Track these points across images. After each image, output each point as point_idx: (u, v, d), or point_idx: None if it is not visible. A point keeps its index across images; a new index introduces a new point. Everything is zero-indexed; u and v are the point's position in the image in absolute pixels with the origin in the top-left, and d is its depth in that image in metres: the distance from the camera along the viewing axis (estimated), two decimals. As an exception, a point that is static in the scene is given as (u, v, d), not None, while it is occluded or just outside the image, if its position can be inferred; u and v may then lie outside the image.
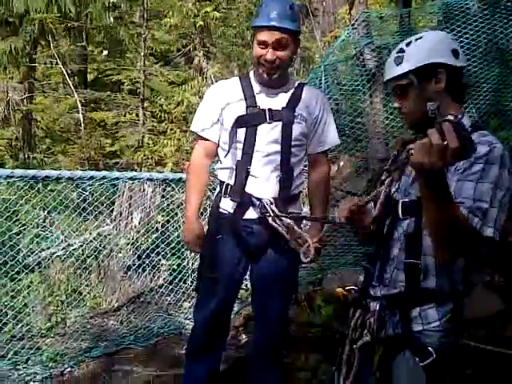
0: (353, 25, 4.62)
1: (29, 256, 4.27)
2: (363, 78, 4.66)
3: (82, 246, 4.47)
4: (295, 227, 2.15)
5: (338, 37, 6.80)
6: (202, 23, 8.98)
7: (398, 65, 1.59)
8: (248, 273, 2.43)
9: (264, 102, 2.28)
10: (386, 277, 1.62)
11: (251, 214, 2.27)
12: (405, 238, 1.58)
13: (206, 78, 8.98)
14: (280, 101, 2.29)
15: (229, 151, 2.28)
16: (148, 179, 3.91)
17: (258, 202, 2.23)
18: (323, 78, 4.76)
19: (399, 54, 1.61)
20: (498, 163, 1.44)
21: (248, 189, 2.26)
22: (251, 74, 2.35)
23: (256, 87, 2.29)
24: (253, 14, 10.01)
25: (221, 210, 2.33)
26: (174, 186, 4.21)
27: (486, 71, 4.63)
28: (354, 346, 1.65)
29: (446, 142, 1.16)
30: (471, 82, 4.52)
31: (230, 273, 2.33)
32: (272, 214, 2.19)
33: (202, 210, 2.81)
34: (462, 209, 1.42)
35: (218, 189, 2.40)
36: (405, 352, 1.56)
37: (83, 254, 4.37)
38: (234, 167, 2.28)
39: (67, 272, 4.43)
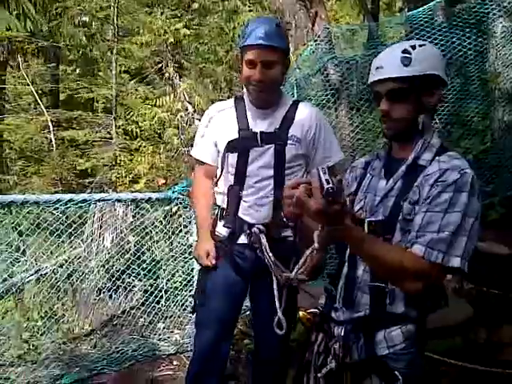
0: (315, 40, 4.68)
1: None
2: (328, 92, 4.71)
3: (53, 269, 4.40)
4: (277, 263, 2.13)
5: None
6: (172, 40, 9.01)
7: (405, 66, 1.46)
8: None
9: (257, 124, 2.23)
10: (350, 299, 1.56)
11: (244, 239, 2.25)
12: None
13: (177, 94, 9.00)
14: (273, 122, 2.23)
15: (221, 175, 2.28)
16: (117, 200, 3.86)
17: (248, 230, 2.22)
18: (295, 92, 4.80)
19: (406, 55, 1.48)
20: (467, 190, 1.41)
21: (241, 214, 2.24)
22: (245, 95, 2.29)
23: (249, 109, 2.25)
24: (224, 30, 10.10)
25: (217, 234, 2.33)
26: (145, 205, 4.18)
27: (450, 82, 4.74)
28: (319, 375, 1.58)
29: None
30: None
31: (226, 296, 2.29)
32: (259, 246, 2.13)
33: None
34: (418, 246, 1.41)
35: (216, 211, 2.39)
36: (372, 377, 1.52)
37: (55, 278, 4.29)
38: (227, 192, 2.27)
39: (41, 296, 4.36)
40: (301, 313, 1.72)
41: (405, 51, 1.49)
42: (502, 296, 3.64)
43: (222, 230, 2.31)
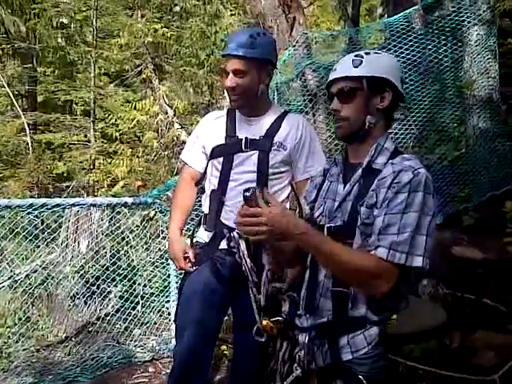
0: (294, 46, 4.71)
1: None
2: (305, 97, 4.74)
3: (27, 274, 4.32)
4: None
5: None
6: (151, 41, 8.96)
7: (355, 67, 1.56)
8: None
9: (243, 131, 2.29)
10: (313, 305, 1.57)
11: (225, 244, 2.25)
12: None
13: (156, 97, 8.93)
14: (259, 130, 2.29)
15: (204, 179, 2.34)
16: (91, 205, 3.80)
17: (228, 234, 2.21)
18: (276, 96, 4.79)
19: (358, 58, 1.57)
20: (421, 189, 1.45)
21: (222, 218, 2.25)
22: None
23: (238, 117, 2.32)
24: (205, 34, 10.08)
25: (197, 240, 2.34)
26: (121, 209, 4.13)
27: (427, 88, 4.80)
28: (285, 383, 1.59)
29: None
30: (413, 98, 4.68)
31: (207, 303, 2.26)
32: (238, 252, 2.11)
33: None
34: (381, 249, 1.44)
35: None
36: (337, 382, 1.54)
37: (29, 283, 4.21)
38: (209, 195, 2.30)
39: (16, 302, 4.28)
40: (264, 321, 1.71)
41: (357, 55, 1.59)
42: (476, 301, 3.68)
43: (203, 235, 2.31)
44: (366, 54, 1.59)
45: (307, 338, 1.57)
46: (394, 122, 1.70)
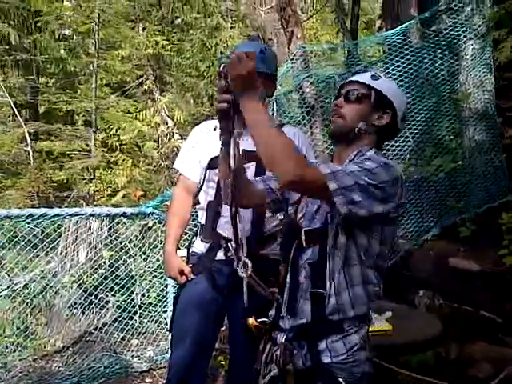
0: (292, 59, 4.77)
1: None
2: (303, 109, 4.80)
3: (26, 284, 4.33)
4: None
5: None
6: (152, 53, 9.03)
7: (373, 79, 1.65)
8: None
9: (240, 143, 2.30)
10: (294, 307, 1.58)
11: (222, 255, 2.25)
12: (309, 267, 1.57)
13: (157, 108, 9.00)
14: None
15: (200, 190, 2.31)
16: (91, 215, 3.82)
17: (225, 245, 2.21)
18: (275, 108, 4.84)
19: (377, 75, 1.69)
20: (378, 163, 1.48)
21: (219, 229, 2.25)
22: None
23: None
24: (206, 46, 10.17)
25: (193, 250, 2.34)
26: (120, 219, 4.15)
27: (424, 101, 4.85)
28: (263, 382, 1.60)
29: None
30: (410, 110, 4.72)
31: (203, 313, 2.26)
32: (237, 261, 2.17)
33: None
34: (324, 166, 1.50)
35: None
36: None
37: (28, 293, 4.22)
38: (206, 207, 2.29)
39: (15, 311, 4.28)
40: (250, 320, 1.72)
41: (375, 75, 1.69)
42: (473, 313, 3.69)
43: (200, 246, 2.32)
44: (380, 76, 1.70)
45: (284, 338, 1.59)
46: (383, 150, 1.74)
